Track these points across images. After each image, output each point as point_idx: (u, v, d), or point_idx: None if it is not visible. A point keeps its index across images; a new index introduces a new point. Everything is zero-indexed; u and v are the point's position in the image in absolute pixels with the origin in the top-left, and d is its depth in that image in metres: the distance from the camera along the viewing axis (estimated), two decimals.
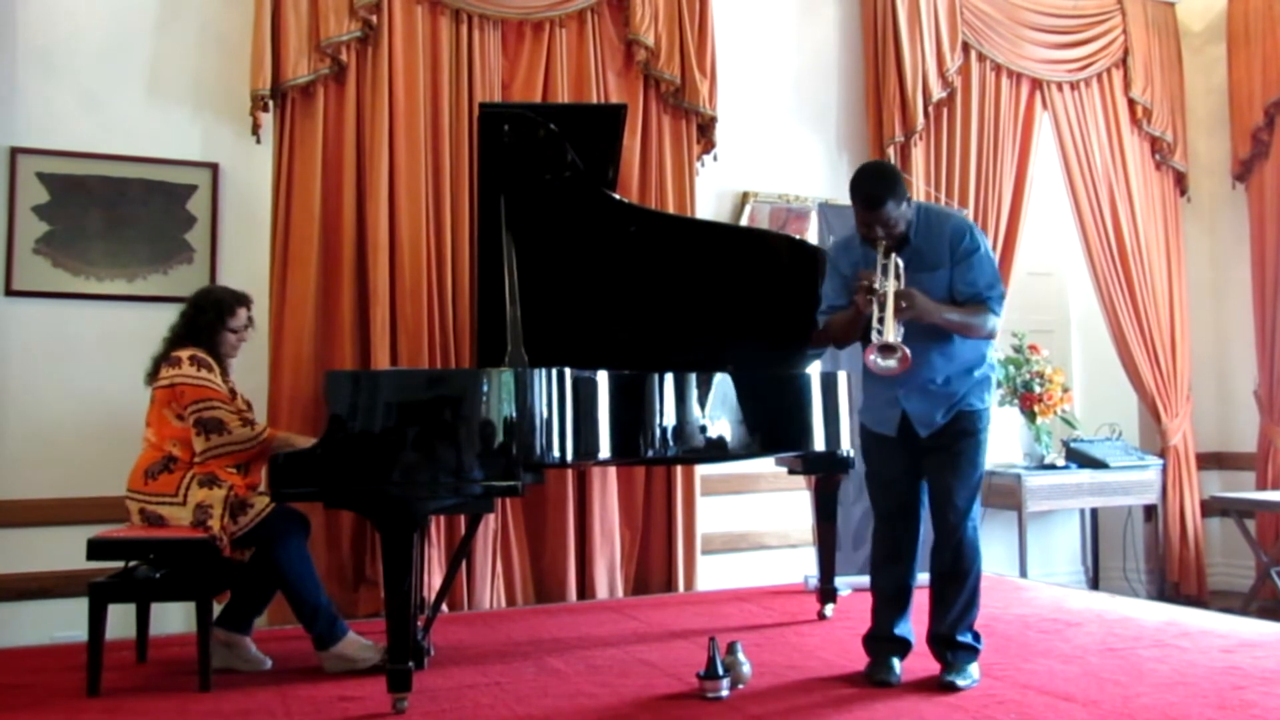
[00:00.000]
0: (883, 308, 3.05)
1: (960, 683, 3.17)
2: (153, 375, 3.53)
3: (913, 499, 3.36)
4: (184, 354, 3.48)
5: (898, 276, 3.12)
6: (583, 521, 4.81)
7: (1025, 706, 2.96)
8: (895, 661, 3.31)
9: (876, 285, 3.07)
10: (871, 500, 3.47)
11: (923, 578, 3.38)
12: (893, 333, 3.00)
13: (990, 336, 3.27)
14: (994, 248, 5.70)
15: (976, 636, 3.30)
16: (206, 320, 3.58)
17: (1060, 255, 6.51)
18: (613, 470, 4.84)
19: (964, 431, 3.25)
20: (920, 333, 3.15)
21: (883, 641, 3.36)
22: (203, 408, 3.41)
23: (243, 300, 3.69)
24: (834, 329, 3.40)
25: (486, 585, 4.58)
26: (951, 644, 3.25)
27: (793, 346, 4.13)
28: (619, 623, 4.25)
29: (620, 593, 4.85)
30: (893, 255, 3.15)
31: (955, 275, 3.21)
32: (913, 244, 3.23)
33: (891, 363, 3.00)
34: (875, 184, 3.18)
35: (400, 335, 4.50)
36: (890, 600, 3.37)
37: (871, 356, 3.02)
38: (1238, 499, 5.68)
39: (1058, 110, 6.01)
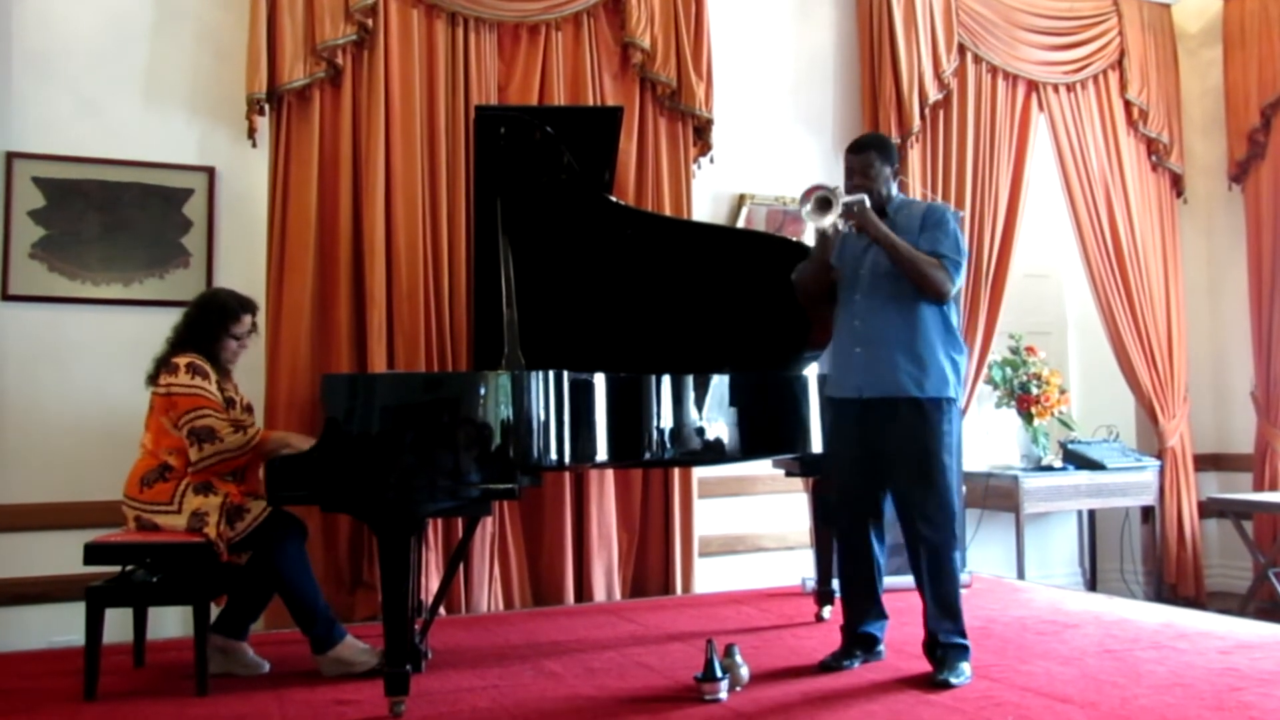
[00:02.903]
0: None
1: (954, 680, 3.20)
2: (153, 378, 3.51)
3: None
4: (182, 360, 3.46)
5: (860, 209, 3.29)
6: (580, 524, 4.80)
7: (1023, 708, 2.96)
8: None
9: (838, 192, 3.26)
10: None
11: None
12: (837, 194, 3.19)
13: (938, 291, 3.30)
14: (991, 250, 5.72)
15: (963, 636, 3.33)
16: (209, 324, 3.55)
17: (1057, 257, 6.52)
18: (610, 473, 4.84)
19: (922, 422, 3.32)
20: (885, 292, 3.35)
21: None
22: (194, 417, 3.39)
23: (248, 306, 3.65)
24: (803, 274, 3.55)
25: (484, 588, 4.58)
26: (937, 644, 3.32)
27: (789, 348, 4.13)
28: (616, 625, 4.25)
29: (618, 595, 4.85)
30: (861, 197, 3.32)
31: (920, 240, 3.33)
32: (890, 218, 3.39)
33: (809, 206, 3.19)
34: (867, 136, 3.64)
35: (397, 338, 4.49)
36: None
37: (806, 204, 3.20)
38: (1235, 500, 5.67)
39: (1054, 112, 6.01)
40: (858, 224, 3.28)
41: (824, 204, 3.19)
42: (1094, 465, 5.72)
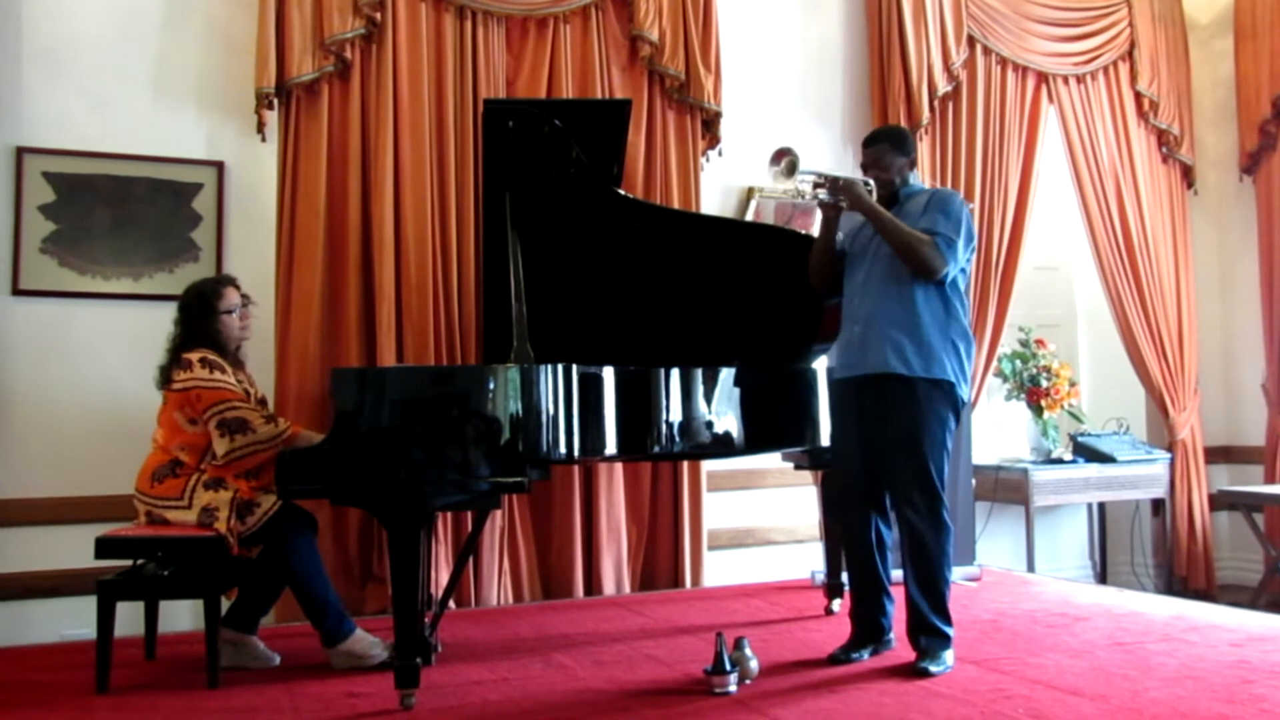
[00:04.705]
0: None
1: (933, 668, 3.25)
2: (164, 381, 3.50)
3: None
4: (194, 356, 3.45)
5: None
6: (589, 518, 4.81)
7: (1033, 701, 2.96)
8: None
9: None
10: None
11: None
12: (817, 173, 3.43)
13: (925, 265, 3.30)
14: (1000, 242, 5.70)
15: (946, 622, 3.35)
16: (198, 314, 3.54)
17: (1067, 249, 6.49)
18: (619, 466, 4.84)
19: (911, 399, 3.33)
20: (885, 273, 3.40)
21: None
22: (223, 409, 3.38)
23: (225, 281, 3.66)
24: (812, 259, 3.64)
25: (493, 582, 4.59)
26: (920, 632, 3.35)
27: (798, 341, 4.12)
28: (626, 619, 4.26)
29: (627, 589, 4.85)
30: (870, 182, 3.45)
31: (921, 220, 3.37)
32: (901, 204, 3.45)
33: (780, 166, 3.39)
34: (882, 128, 3.74)
35: (406, 332, 4.50)
36: None
37: (777, 165, 3.38)
38: (1246, 493, 5.67)
39: (1064, 103, 5.98)
40: (846, 199, 3.37)
41: (793, 168, 3.38)
42: (1104, 458, 5.70)
